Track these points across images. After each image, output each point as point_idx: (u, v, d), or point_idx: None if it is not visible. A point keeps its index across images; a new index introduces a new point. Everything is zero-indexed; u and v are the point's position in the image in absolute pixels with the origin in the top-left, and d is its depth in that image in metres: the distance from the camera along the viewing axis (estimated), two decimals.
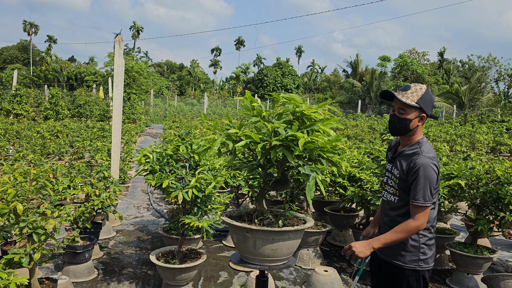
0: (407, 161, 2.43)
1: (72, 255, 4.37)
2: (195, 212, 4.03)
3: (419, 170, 2.33)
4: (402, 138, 2.55)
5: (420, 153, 2.40)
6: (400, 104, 2.43)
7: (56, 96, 20.63)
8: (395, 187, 2.52)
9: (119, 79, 7.58)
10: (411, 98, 2.39)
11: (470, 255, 4.57)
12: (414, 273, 2.47)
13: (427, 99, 2.41)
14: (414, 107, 2.39)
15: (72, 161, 8.98)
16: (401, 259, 2.49)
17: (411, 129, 2.44)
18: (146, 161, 3.93)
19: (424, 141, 2.50)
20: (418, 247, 2.45)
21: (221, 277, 4.69)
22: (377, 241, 2.37)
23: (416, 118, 2.41)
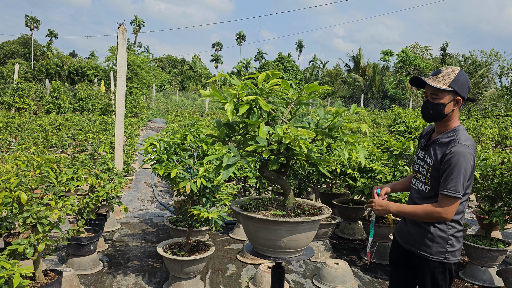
0: (442, 149, 2.29)
1: (77, 247, 4.27)
2: (203, 203, 3.91)
3: (454, 159, 2.19)
4: (437, 124, 2.41)
5: (457, 141, 2.25)
6: (432, 90, 2.29)
7: (57, 90, 20.52)
8: (427, 176, 2.38)
9: (123, 70, 7.45)
10: (442, 82, 2.26)
11: (485, 248, 4.45)
12: (440, 265, 2.35)
13: (461, 81, 2.26)
14: (447, 90, 2.25)
15: (74, 154, 8.87)
16: (427, 250, 2.36)
17: (446, 114, 2.30)
18: (153, 150, 3.82)
19: (461, 129, 2.34)
20: (446, 238, 2.33)
21: (229, 269, 4.58)
22: (394, 205, 2.35)
23: (450, 102, 2.27)
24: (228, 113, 2.05)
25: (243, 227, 2.35)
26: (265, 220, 2.14)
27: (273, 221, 2.13)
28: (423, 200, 2.40)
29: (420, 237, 2.39)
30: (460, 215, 2.35)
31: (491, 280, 4.52)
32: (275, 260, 2.24)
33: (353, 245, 5.61)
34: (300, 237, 2.19)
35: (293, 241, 2.19)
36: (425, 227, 2.37)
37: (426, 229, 2.36)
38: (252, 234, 2.26)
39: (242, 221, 2.32)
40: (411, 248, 2.46)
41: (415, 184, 2.50)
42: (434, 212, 2.22)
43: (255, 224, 2.21)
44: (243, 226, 2.34)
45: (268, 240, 2.19)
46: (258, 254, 2.30)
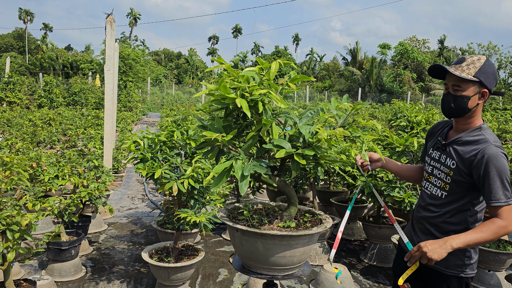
0: (469, 150, 1.98)
1: (57, 252, 3.98)
2: (192, 205, 3.62)
3: (491, 163, 1.89)
4: (458, 121, 2.08)
5: (487, 141, 1.94)
6: (454, 80, 1.99)
7: (50, 84, 20.12)
8: (444, 180, 2.07)
9: (111, 63, 7.14)
10: (467, 71, 1.96)
11: (492, 251, 4.19)
12: (457, 280, 2.06)
13: (488, 71, 1.96)
14: (472, 81, 1.96)
15: (63, 150, 8.55)
16: (443, 263, 2.06)
17: (470, 108, 1.99)
18: (136, 148, 3.52)
19: (487, 127, 2.05)
20: (464, 250, 2.04)
21: (220, 274, 4.30)
22: (458, 239, 1.85)
23: (475, 94, 1.97)
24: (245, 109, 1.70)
25: (230, 238, 2.06)
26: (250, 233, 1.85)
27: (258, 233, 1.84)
28: (438, 206, 2.10)
29: None
30: (479, 220, 2.06)
31: (499, 285, 4.26)
32: (263, 278, 1.96)
33: (352, 246, 5.34)
34: (296, 252, 1.91)
35: (287, 256, 1.90)
36: (439, 237, 2.07)
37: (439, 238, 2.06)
38: (236, 247, 1.97)
39: (229, 232, 2.03)
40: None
41: (427, 188, 2.19)
42: (500, 227, 1.86)
43: (240, 236, 1.92)
44: (230, 237, 2.05)
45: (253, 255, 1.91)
46: (247, 271, 2.01)
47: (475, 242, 1.85)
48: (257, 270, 1.94)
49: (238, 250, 1.97)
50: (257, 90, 1.72)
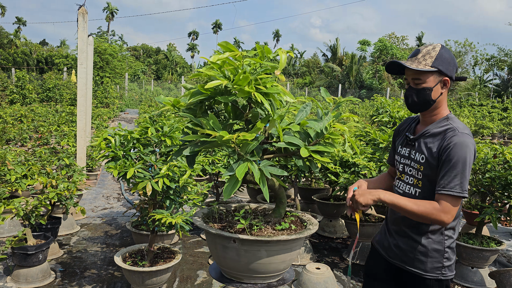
0: (437, 141, 1.89)
1: (23, 257, 3.72)
2: (168, 206, 3.43)
3: (457, 151, 1.80)
4: (424, 114, 2.00)
5: (455, 129, 1.86)
6: (413, 74, 1.91)
7: (22, 79, 19.47)
8: (416, 176, 1.97)
9: (84, 56, 6.85)
10: (423, 62, 1.88)
11: (476, 247, 4.12)
12: (437, 283, 1.95)
13: (445, 58, 1.89)
14: (431, 72, 1.88)
15: (34, 148, 8.19)
16: (421, 267, 1.96)
17: (434, 99, 1.91)
18: (107, 146, 3.29)
19: (454, 117, 1.96)
20: (442, 251, 1.94)
21: (199, 277, 4.12)
22: (388, 194, 1.85)
23: (437, 84, 1.90)
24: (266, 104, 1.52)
25: (208, 245, 1.88)
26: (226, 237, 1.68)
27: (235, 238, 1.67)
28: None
29: (411, 251, 1.99)
30: (456, 221, 1.97)
31: (482, 282, 4.20)
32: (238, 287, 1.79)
33: (335, 244, 5.22)
34: (278, 258, 1.74)
35: (268, 263, 1.74)
36: (417, 239, 1.97)
37: (418, 241, 1.97)
38: (214, 253, 1.80)
39: (206, 238, 1.86)
40: (401, 265, 2.04)
41: (400, 187, 2.08)
42: (436, 212, 1.79)
43: (218, 242, 1.75)
44: (208, 244, 1.87)
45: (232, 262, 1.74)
46: (225, 279, 1.84)
47: (402, 207, 1.83)
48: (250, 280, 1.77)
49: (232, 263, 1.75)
50: (270, 83, 1.56)
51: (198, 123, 1.61)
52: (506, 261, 4.94)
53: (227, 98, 1.54)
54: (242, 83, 1.46)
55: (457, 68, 1.97)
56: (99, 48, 24.09)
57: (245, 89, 1.46)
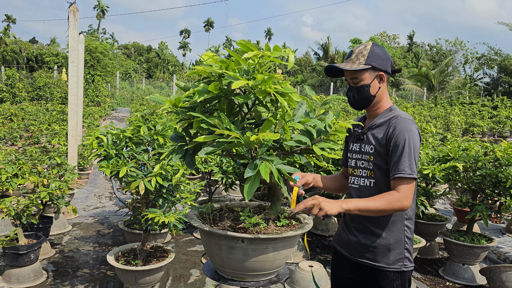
0: (383, 130, 1.97)
1: (14, 257, 3.69)
2: (160, 205, 3.42)
3: (402, 135, 1.88)
4: (369, 110, 2.09)
5: (398, 117, 1.96)
6: (350, 74, 2.00)
7: (12, 77, 19.26)
8: (368, 168, 2.01)
9: (75, 55, 6.80)
10: (357, 62, 1.98)
11: (467, 244, 4.17)
12: (400, 276, 1.96)
13: (377, 54, 1.98)
14: (365, 69, 1.97)
15: (25, 147, 8.11)
16: (384, 260, 1.96)
17: (374, 94, 2.00)
18: (99, 144, 3.27)
19: (396, 107, 2.05)
20: (403, 242, 1.97)
21: (192, 275, 4.12)
22: (349, 202, 1.80)
23: (374, 80, 1.99)
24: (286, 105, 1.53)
25: (203, 244, 1.88)
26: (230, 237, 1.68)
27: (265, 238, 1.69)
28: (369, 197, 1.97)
29: (373, 245, 1.98)
30: (413, 211, 2.01)
31: (473, 278, 4.25)
32: (237, 285, 1.80)
33: (327, 242, 5.25)
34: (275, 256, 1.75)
35: (264, 261, 1.74)
36: (378, 233, 1.97)
37: (379, 234, 1.97)
38: (209, 253, 1.80)
39: (201, 236, 1.86)
40: (364, 261, 2.02)
41: (354, 182, 2.09)
42: (395, 200, 1.81)
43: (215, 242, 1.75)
44: (203, 242, 1.87)
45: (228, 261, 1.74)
46: (220, 277, 1.84)
47: (366, 209, 1.80)
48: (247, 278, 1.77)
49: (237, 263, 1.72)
50: (285, 83, 1.58)
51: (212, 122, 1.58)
52: (497, 257, 5.00)
53: (248, 97, 1.56)
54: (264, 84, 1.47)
55: (392, 62, 2.04)
56: (90, 46, 23.91)
57: (266, 89, 1.48)
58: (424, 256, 4.93)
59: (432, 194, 4.66)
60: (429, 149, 5.34)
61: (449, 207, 7.26)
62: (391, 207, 1.81)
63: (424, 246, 4.92)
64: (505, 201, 3.95)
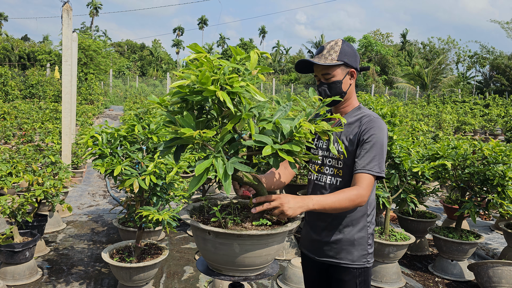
0: (353, 129, 1.97)
1: (10, 255, 3.73)
2: (155, 202, 3.47)
3: (375, 134, 1.89)
4: (337, 107, 2.08)
5: (370, 115, 1.97)
6: (322, 69, 1.98)
7: (5, 75, 19.15)
8: (337, 166, 2.00)
9: (69, 53, 6.81)
10: (330, 58, 1.96)
11: (455, 241, 4.26)
12: (363, 272, 2.00)
13: (348, 52, 1.98)
14: (338, 65, 1.97)
15: (18, 145, 8.11)
16: (348, 257, 1.98)
17: (345, 91, 2.00)
18: (94, 143, 3.32)
19: (364, 106, 2.07)
20: (366, 238, 2.00)
21: (186, 272, 4.17)
22: (315, 201, 1.73)
23: (345, 76, 1.99)
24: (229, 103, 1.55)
25: (195, 240, 1.93)
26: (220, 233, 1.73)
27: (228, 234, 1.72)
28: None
29: (338, 243, 2.00)
30: (374, 208, 2.04)
31: (461, 274, 4.34)
32: (229, 280, 1.85)
33: None
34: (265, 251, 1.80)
35: (255, 257, 1.80)
36: (342, 230, 1.99)
37: (343, 231, 1.99)
38: (201, 248, 1.85)
39: (193, 232, 1.91)
40: (329, 260, 2.03)
41: (320, 179, 2.07)
42: (358, 195, 1.80)
43: (205, 237, 1.80)
44: (194, 238, 1.92)
45: (219, 256, 1.79)
46: (212, 272, 1.90)
47: (331, 207, 1.77)
48: (228, 272, 1.83)
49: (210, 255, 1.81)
50: (237, 82, 1.60)
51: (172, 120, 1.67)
52: (485, 254, 5.10)
53: (193, 97, 1.60)
54: (206, 81, 1.52)
55: (360, 60, 2.07)
56: (83, 44, 23.84)
57: (210, 89, 1.52)
58: (414, 252, 5.02)
59: (422, 192, 4.75)
60: (420, 147, 5.43)
61: (439, 204, 7.37)
62: (353, 203, 1.79)
63: (414, 243, 5.02)
64: (492, 199, 4.04)
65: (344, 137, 1.99)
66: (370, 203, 2.02)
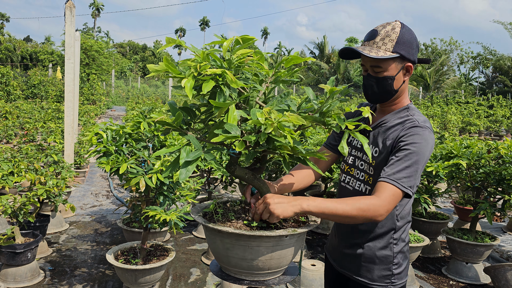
0: (394, 133, 1.67)
1: (11, 256, 3.61)
2: (161, 202, 3.34)
3: (414, 142, 1.57)
4: (383, 105, 1.77)
5: (415, 121, 1.63)
6: (371, 61, 1.65)
7: (6, 75, 19.08)
8: (368, 172, 1.73)
9: (72, 51, 6.70)
10: (383, 48, 1.62)
11: (470, 243, 4.12)
12: None
13: (407, 40, 1.63)
14: (392, 58, 1.62)
15: (20, 144, 8.01)
16: (368, 276, 1.74)
17: (397, 89, 1.68)
18: (99, 141, 3.20)
19: (415, 107, 1.75)
20: (391, 257, 1.72)
21: (192, 275, 4.05)
22: (312, 201, 1.46)
23: (399, 72, 1.65)
24: (187, 90, 1.45)
25: (208, 241, 1.81)
26: (239, 235, 1.61)
27: (248, 235, 1.60)
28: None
29: (357, 257, 1.76)
30: (406, 222, 1.74)
31: (476, 277, 4.21)
32: (246, 285, 1.72)
33: None
34: (284, 254, 1.68)
35: (274, 259, 1.67)
36: (362, 244, 1.75)
37: (363, 246, 1.75)
38: (221, 252, 1.73)
39: (206, 234, 1.79)
40: (348, 274, 1.82)
41: (349, 182, 1.82)
42: (371, 207, 1.47)
43: (224, 240, 1.68)
44: (208, 240, 1.80)
45: (243, 260, 1.67)
46: (226, 276, 1.77)
47: (332, 212, 1.45)
48: (242, 276, 1.70)
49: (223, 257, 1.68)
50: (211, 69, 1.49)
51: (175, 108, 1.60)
52: (499, 256, 4.96)
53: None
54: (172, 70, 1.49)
55: (419, 49, 1.72)
56: (85, 44, 23.78)
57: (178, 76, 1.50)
58: (427, 254, 4.89)
59: (434, 192, 4.62)
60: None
61: (449, 205, 7.24)
62: (364, 214, 1.47)
63: (426, 245, 4.88)
64: (509, 199, 3.91)
65: (380, 140, 1.70)
66: (403, 216, 1.73)
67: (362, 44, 1.71)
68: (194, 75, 1.53)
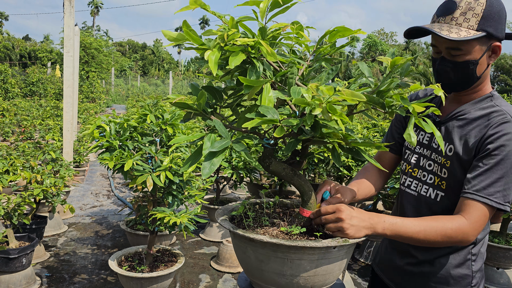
0: (478, 127, 1.32)
1: (4, 262, 3.29)
2: (170, 203, 3.02)
3: (508, 143, 1.24)
4: (459, 93, 1.42)
5: (506, 114, 1.29)
6: (448, 43, 1.29)
7: (4, 73, 18.76)
8: (439, 175, 1.40)
9: (71, 44, 6.38)
10: (465, 25, 1.26)
11: (503, 247, 3.81)
12: None
13: (496, 12, 1.26)
14: (477, 38, 1.26)
15: (17, 142, 7.69)
16: None
17: (479, 75, 1.33)
18: (101, 134, 2.88)
19: (499, 95, 1.39)
20: (469, 276, 1.40)
21: (202, 281, 3.73)
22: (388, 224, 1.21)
23: (484, 54, 1.30)
24: (212, 64, 1.14)
25: (236, 250, 1.49)
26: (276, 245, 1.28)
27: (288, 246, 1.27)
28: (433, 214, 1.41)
29: (426, 276, 1.45)
30: (486, 235, 1.44)
31: (509, 284, 3.90)
32: None
33: None
34: (331, 269, 1.36)
35: (319, 275, 1.35)
36: (432, 261, 1.44)
37: (435, 264, 1.43)
38: (253, 265, 1.41)
39: (234, 243, 1.47)
40: None
41: (410, 186, 1.51)
42: (459, 233, 1.23)
43: (258, 251, 1.35)
44: (236, 249, 1.48)
45: (281, 276, 1.35)
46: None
47: (411, 237, 1.22)
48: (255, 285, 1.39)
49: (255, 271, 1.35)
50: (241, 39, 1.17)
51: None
52: None
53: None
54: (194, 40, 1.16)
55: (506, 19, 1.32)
56: (84, 41, 23.44)
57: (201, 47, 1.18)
58: None
59: None
60: None
61: None
62: (450, 240, 1.24)
63: None
64: None
65: (456, 136, 1.37)
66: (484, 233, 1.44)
67: (435, 20, 1.34)
68: (220, 46, 1.21)
